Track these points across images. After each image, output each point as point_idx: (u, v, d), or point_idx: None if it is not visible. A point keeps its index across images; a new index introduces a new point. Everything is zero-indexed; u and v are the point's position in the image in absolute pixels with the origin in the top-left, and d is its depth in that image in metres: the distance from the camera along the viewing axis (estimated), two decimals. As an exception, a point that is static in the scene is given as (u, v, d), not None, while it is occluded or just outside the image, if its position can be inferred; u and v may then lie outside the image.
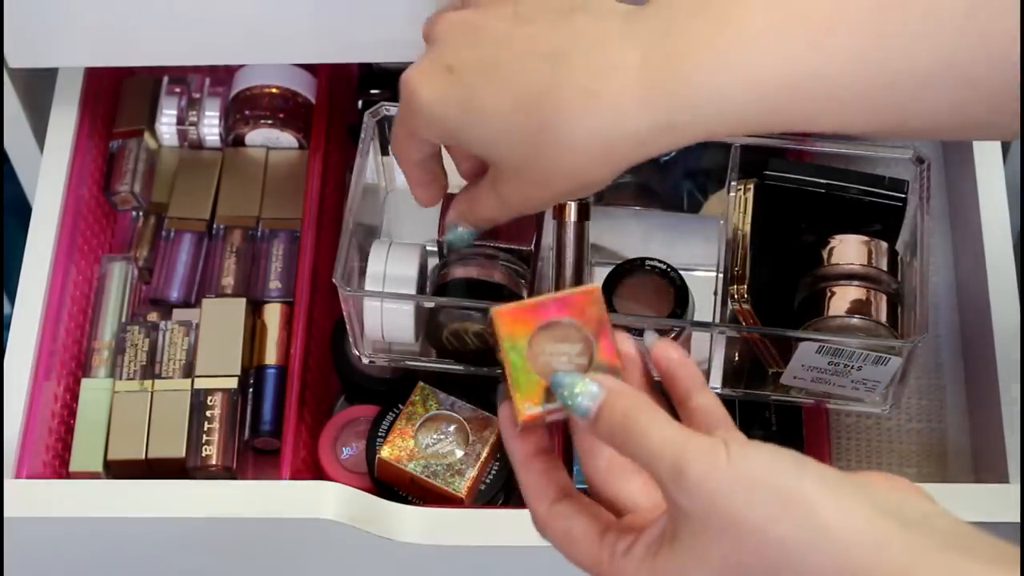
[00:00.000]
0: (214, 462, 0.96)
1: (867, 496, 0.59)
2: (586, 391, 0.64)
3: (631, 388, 0.65)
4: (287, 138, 1.08)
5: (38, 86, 1.06)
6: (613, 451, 0.66)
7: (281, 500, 0.88)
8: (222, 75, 1.10)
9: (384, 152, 0.93)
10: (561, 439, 0.95)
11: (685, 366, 0.67)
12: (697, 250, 0.97)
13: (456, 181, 0.81)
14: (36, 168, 1.03)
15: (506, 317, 0.67)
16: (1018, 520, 0.86)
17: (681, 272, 0.92)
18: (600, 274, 0.95)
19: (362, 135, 0.90)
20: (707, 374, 0.91)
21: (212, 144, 1.09)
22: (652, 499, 0.67)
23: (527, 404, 0.66)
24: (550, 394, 0.66)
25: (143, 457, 0.96)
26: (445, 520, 0.88)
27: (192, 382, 0.98)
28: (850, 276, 0.87)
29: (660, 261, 0.92)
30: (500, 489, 0.95)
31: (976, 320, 0.99)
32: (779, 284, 0.90)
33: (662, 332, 0.88)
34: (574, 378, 0.65)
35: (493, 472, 0.95)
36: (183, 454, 0.96)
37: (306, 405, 0.98)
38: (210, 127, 1.09)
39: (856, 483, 0.60)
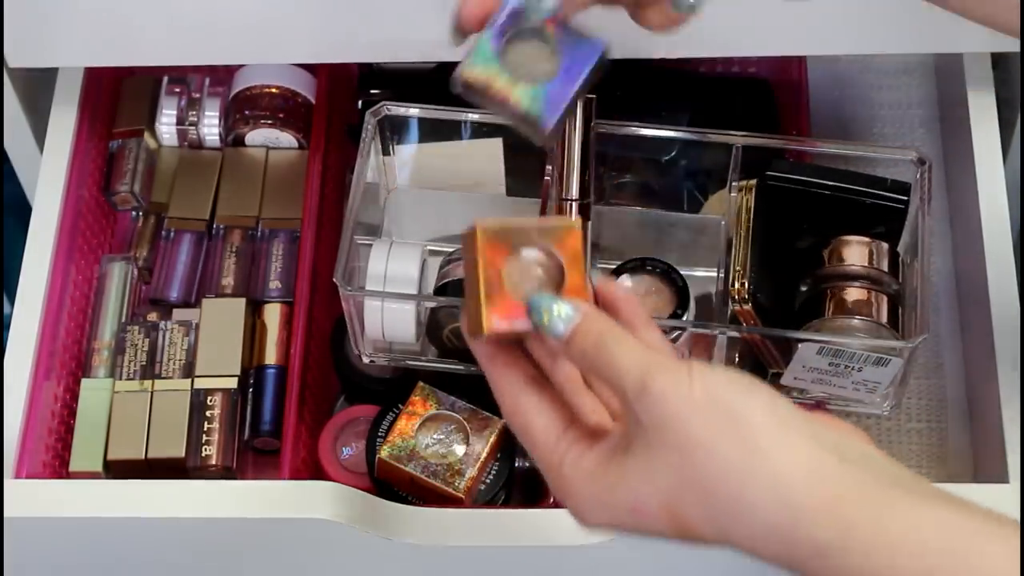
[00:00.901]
0: (214, 462, 0.96)
1: (811, 429, 0.61)
2: (562, 314, 0.67)
3: (604, 314, 0.67)
4: (287, 138, 1.08)
5: (38, 86, 1.06)
6: (570, 369, 0.69)
7: (281, 500, 0.88)
8: (222, 75, 1.10)
9: (384, 152, 0.93)
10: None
11: (629, 301, 0.69)
12: (697, 250, 0.97)
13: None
14: (36, 168, 1.03)
15: (488, 232, 0.68)
16: (1018, 520, 0.86)
17: (682, 272, 0.92)
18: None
19: (363, 135, 0.90)
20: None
21: (212, 144, 1.09)
22: (601, 418, 0.69)
23: (495, 318, 0.68)
24: (517, 311, 0.68)
25: (143, 457, 0.96)
26: (445, 520, 0.88)
27: (192, 382, 0.98)
28: (851, 277, 0.87)
29: (661, 261, 0.92)
30: (500, 489, 0.95)
31: (976, 320, 0.99)
32: (780, 285, 0.90)
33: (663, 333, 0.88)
34: (551, 300, 0.67)
35: (493, 472, 0.95)
36: (183, 454, 0.96)
37: (306, 405, 0.98)
38: (210, 127, 1.09)
39: (804, 417, 0.62)
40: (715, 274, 0.93)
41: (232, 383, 0.98)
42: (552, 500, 0.93)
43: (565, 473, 0.66)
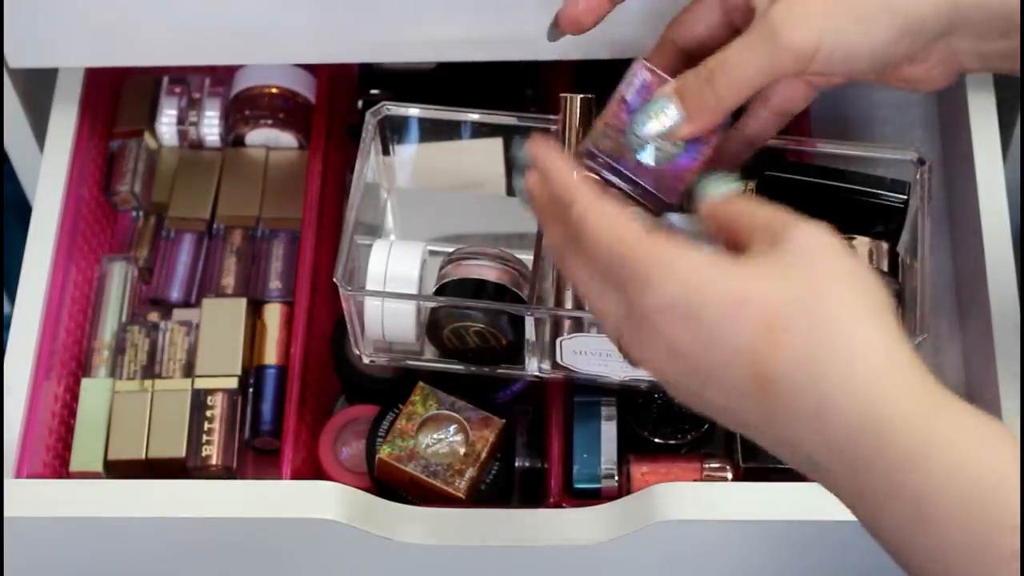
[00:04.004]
0: (214, 462, 0.96)
1: (906, 347, 0.63)
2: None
3: None
4: (287, 138, 1.08)
5: (38, 86, 1.06)
6: None
7: (281, 500, 0.88)
8: (222, 75, 1.10)
9: (384, 152, 0.93)
10: (561, 437, 0.95)
11: (740, 215, 0.72)
12: (697, 250, 0.97)
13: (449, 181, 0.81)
14: (36, 168, 1.03)
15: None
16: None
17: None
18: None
19: (363, 135, 0.90)
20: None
21: (212, 144, 1.09)
22: None
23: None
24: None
25: (143, 457, 0.96)
26: (445, 520, 0.88)
27: (192, 382, 0.98)
28: (851, 276, 0.87)
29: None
30: (500, 489, 0.95)
31: (976, 320, 0.99)
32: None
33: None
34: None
35: (493, 472, 0.95)
36: (183, 454, 0.96)
37: (306, 405, 0.98)
38: (210, 127, 1.09)
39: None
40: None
41: (232, 383, 0.98)
42: (552, 500, 0.93)
43: (675, 259, 0.65)
